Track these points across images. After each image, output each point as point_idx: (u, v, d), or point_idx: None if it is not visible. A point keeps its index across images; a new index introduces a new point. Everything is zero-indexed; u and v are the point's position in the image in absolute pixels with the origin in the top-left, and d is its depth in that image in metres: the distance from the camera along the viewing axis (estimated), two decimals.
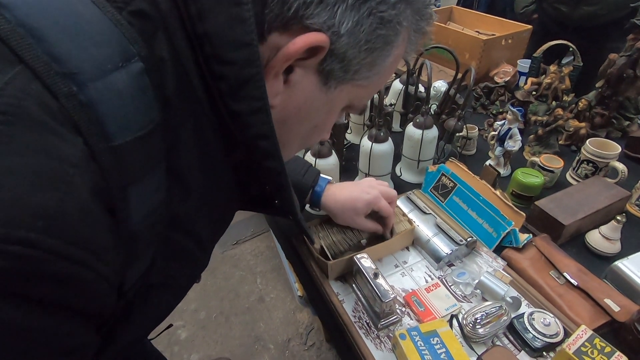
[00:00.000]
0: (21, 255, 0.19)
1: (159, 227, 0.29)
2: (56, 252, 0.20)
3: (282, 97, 0.31)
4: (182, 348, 1.41)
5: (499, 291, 0.61)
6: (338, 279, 0.68)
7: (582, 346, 0.50)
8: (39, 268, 0.20)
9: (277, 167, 0.34)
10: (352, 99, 0.36)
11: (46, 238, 0.20)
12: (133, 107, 0.24)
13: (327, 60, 0.30)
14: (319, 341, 1.40)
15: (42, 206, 0.20)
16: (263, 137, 0.31)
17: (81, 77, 0.22)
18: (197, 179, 0.32)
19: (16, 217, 0.19)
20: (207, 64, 0.28)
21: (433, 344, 0.53)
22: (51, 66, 0.21)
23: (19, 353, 0.21)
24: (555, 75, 1.06)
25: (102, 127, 0.23)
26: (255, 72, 0.28)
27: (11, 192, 0.19)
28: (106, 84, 0.23)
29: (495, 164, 0.91)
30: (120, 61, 0.24)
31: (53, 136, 0.21)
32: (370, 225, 0.69)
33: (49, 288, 0.21)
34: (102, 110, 0.23)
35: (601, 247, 0.71)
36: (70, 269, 0.21)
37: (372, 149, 0.80)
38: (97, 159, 0.23)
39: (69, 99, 0.22)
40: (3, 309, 0.19)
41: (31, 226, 0.19)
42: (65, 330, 0.23)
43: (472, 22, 1.54)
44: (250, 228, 1.89)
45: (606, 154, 0.83)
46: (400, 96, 1.03)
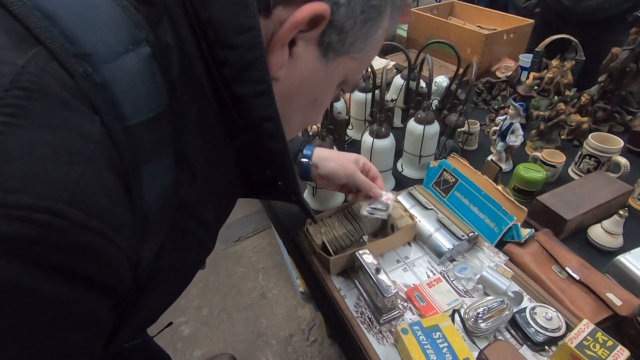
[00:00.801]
0: (49, 224, 0.19)
1: (168, 210, 0.30)
2: (80, 223, 0.21)
3: (287, 70, 0.32)
4: (184, 344, 1.42)
5: (501, 286, 0.61)
6: (340, 274, 0.68)
7: (584, 340, 0.50)
8: (64, 238, 0.20)
9: (281, 148, 0.35)
10: (348, 72, 0.37)
11: (71, 209, 0.20)
12: (144, 90, 0.25)
13: (327, 32, 0.31)
14: (321, 337, 1.41)
15: (66, 179, 0.20)
16: (267, 119, 0.32)
17: (95, 58, 0.23)
18: (202, 164, 0.33)
19: (43, 188, 0.19)
20: (211, 49, 0.29)
21: (435, 339, 0.53)
22: (67, 47, 0.22)
23: (41, 322, 0.21)
24: (557, 70, 1.05)
25: (116, 108, 0.24)
26: (258, 55, 0.29)
27: (37, 165, 0.19)
28: (118, 66, 0.24)
29: (497, 159, 0.91)
30: (130, 44, 0.24)
31: (73, 113, 0.21)
32: (363, 177, 0.66)
33: (73, 258, 0.21)
34: (116, 91, 0.23)
35: (603, 242, 0.71)
36: (93, 240, 0.22)
37: (373, 145, 0.80)
38: (112, 137, 0.23)
39: (84, 79, 0.22)
40: (30, 277, 0.19)
41: (57, 197, 0.20)
42: (86, 301, 0.23)
43: (473, 17, 1.53)
44: (252, 225, 1.89)
45: (609, 148, 0.83)
46: (402, 92, 1.03)
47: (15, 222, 0.18)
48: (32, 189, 0.19)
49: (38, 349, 0.21)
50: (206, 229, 0.38)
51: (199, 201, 0.34)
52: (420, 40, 1.51)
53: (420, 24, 1.49)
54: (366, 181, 0.66)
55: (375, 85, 0.93)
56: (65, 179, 0.20)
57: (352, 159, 0.67)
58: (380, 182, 0.69)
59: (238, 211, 1.97)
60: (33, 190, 0.19)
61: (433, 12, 1.53)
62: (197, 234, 0.36)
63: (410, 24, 1.55)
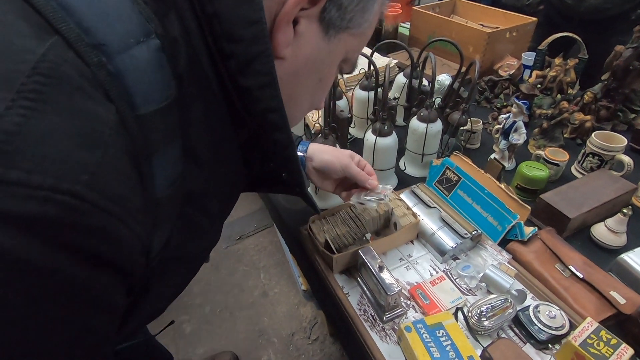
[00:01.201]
0: (69, 205, 0.20)
1: (177, 200, 0.31)
2: (98, 205, 0.21)
3: (292, 49, 0.33)
4: (187, 342, 1.42)
5: (504, 284, 0.61)
6: (343, 272, 0.68)
7: (588, 338, 0.50)
8: (83, 219, 0.21)
9: (285, 139, 0.36)
10: (348, 50, 0.38)
11: (90, 192, 0.21)
12: (154, 81, 0.26)
13: (327, 8, 0.32)
14: (323, 335, 1.41)
15: (86, 162, 0.21)
16: (272, 110, 0.33)
17: (109, 48, 0.23)
18: (207, 156, 0.33)
19: (64, 171, 0.20)
20: (217, 43, 0.29)
21: (439, 337, 0.53)
22: (82, 37, 0.23)
23: (58, 301, 0.21)
24: (560, 68, 1.05)
25: (129, 97, 0.24)
26: (263, 48, 0.29)
27: (57, 148, 0.20)
28: (130, 57, 0.24)
29: (499, 157, 0.91)
30: (141, 36, 0.25)
31: (91, 100, 0.22)
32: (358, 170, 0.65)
33: (90, 239, 0.21)
34: (128, 81, 0.24)
35: (607, 240, 0.71)
36: (109, 223, 0.22)
37: (376, 143, 0.80)
38: (126, 125, 0.24)
39: (99, 68, 0.23)
40: (48, 256, 0.20)
41: (77, 179, 0.20)
42: (102, 283, 0.23)
43: (475, 15, 1.52)
44: (254, 223, 1.89)
45: (612, 146, 0.83)
46: (404, 90, 1.02)
47: (38, 202, 0.19)
48: (53, 171, 0.19)
49: (54, 328, 0.22)
50: (211, 220, 0.38)
51: (205, 192, 0.35)
52: (422, 39, 1.51)
53: (422, 22, 1.49)
54: (362, 173, 0.65)
55: (377, 84, 0.92)
56: (85, 163, 0.21)
57: (347, 153, 0.67)
58: (375, 178, 0.67)
59: (240, 210, 1.97)
60: (54, 172, 0.19)
61: (435, 11, 1.53)
62: (203, 225, 0.37)
63: (412, 23, 1.54)
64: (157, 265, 0.30)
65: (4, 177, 0.18)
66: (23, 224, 0.19)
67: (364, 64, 1.00)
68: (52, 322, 0.21)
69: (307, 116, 1.05)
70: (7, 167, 0.18)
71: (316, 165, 0.65)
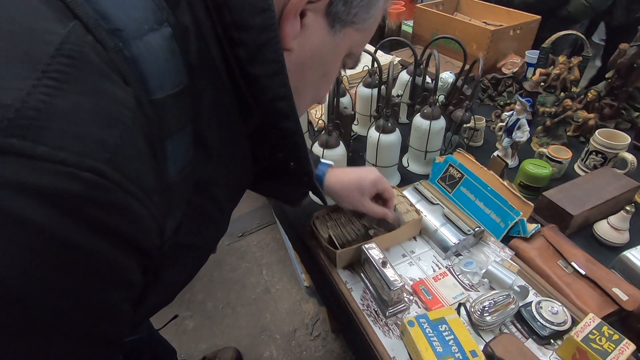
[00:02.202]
0: (92, 182, 0.20)
1: (188, 186, 0.31)
2: (118, 183, 0.22)
3: (299, 41, 0.33)
4: (189, 338, 1.43)
5: (507, 280, 0.61)
6: (346, 268, 0.68)
7: (590, 334, 0.51)
8: (104, 196, 0.21)
9: (293, 127, 0.36)
10: (352, 44, 0.38)
11: (110, 170, 0.21)
12: (167, 67, 0.26)
13: (334, 2, 0.33)
14: (325, 332, 1.42)
15: (107, 141, 0.22)
16: (281, 98, 0.33)
17: (125, 34, 0.24)
18: (217, 144, 0.34)
19: (87, 148, 0.21)
20: (226, 31, 0.30)
21: (441, 331, 0.53)
22: (100, 23, 0.23)
23: (78, 274, 0.22)
24: (564, 66, 1.05)
25: (144, 81, 0.25)
26: (272, 36, 0.30)
27: (80, 127, 0.21)
28: (145, 43, 0.25)
29: (503, 154, 0.91)
30: (154, 24, 0.26)
31: (110, 81, 0.23)
32: (377, 209, 0.67)
33: (110, 215, 0.22)
34: (143, 65, 0.25)
35: (610, 238, 0.71)
36: (128, 201, 0.23)
37: (379, 140, 0.80)
38: (142, 108, 0.25)
39: (116, 53, 0.24)
40: (71, 230, 0.20)
41: (99, 157, 0.21)
42: (120, 259, 0.24)
43: (479, 13, 1.52)
44: (256, 220, 1.90)
45: (615, 144, 0.83)
46: (408, 87, 1.03)
47: (63, 177, 0.19)
48: (77, 148, 0.20)
49: (75, 299, 0.22)
50: (220, 209, 0.39)
51: (213, 180, 0.36)
52: (425, 36, 1.50)
53: (425, 20, 1.49)
54: (378, 213, 0.68)
55: (381, 81, 0.93)
56: (106, 141, 0.21)
57: (364, 191, 0.66)
58: (391, 204, 0.70)
59: (243, 206, 1.97)
60: (78, 149, 0.20)
61: (438, 8, 1.52)
62: (211, 214, 0.37)
63: (415, 20, 1.54)
64: (167, 252, 0.31)
65: (32, 151, 0.19)
66: (49, 197, 0.19)
67: (367, 62, 1.00)
68: (73, 293, 0.22)
69: (311, 113, 1.05)
70: (35, 142, 0.19)
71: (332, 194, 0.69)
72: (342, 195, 0.68)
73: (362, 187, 0.66)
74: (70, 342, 0.23)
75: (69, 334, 0.23)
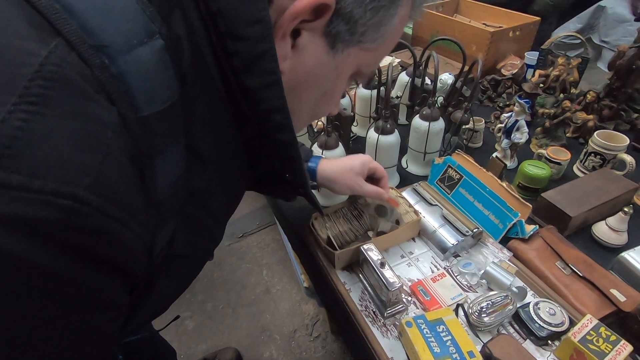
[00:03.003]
0: (70, 209, 0.20)
1: (180, 198, 0.31)
2: (99, 208, 0.21)
3: (291, 63, 0.32)
4: (189, 338, 1.43)
5: (505, 281, 0.61)
6: (345, 268, 0.68)
7: (588, 335, 0.51)
8: (85, 222, 0.21)
9: (289, 140, 0.35)
10: (360, 64, 0.36)
11: (92, 195, 0.21)
12: (157, 81, 0.25)
13: (334, 21, 0.30)
14: (325, 332, 1.42)
15: (87, 166, 0.21)
16: (276, 110, 0.32)
17: (111, 50, 0.23)
18: (211, 154, 0.33)
19: (66, 175, 0.20)
20: (221, 41, 0.29)
21: (439, 332, 0.53)
22: (84, 39, 0.22)
23: (60, 301, 0.22)
24: (563, 67, 1.05)
25: (131, 99, 0.24)
26: (268, 47, 0.28)
27: (59, 152, 0.20)
28: (134, 58, 0.24)
29: (502, 156, 0.91)
30: (144, 37, 0.25)
31: (92, 102, 0.22)
32: (372, 188, 0.67)
33: (92, 241, 0.22)
34: (131, 82, 0.24)
35: (608, 239, 0.71)
36: (110, 225, 0.22)
37: (378, 141, 0.80)
38: (128, 127, 0.24)
39: (101, 70, 0.23)
40: (51, 258, 0.20)
41: (79, 183, 0.20)
42: (103, 283, 0.24)
43: (478, 14, 1.52)
44: (256, 221, 1.90)
45: (614, 146, 0.83)
46: (407, 88, 1.03)
47: (39, 206, 0.19)
48: (55, 174, 0.20)
49: (59, 327, 0.22)
50: (215, 218, 0.38)
51: (208, 191, 0.35)
52: (425, 38, 1.51)
53: (425, 21, 1.49)
54: (373, 191, 0.67)
55: (380, 82, 0.93)
56: (87, 166, 0.21)
57: (356, 170, 0.66)
58: (385, 182, 0.70)
59: (242, 207, 1.97)
60: (56, 176, 0.20)
61: (438, 10, 1.53)
62: (206, 224, 0.37)
63: (415, 21, 1.55)
64: (161, 263, 0.31)
65: (5, 181, 0.18)
66: (25, 227, 0.19)
67: None
68: (56, 321, 0.22)
69: None
70: (9, 171, 0.18)
71: (323, 185, 0.68)
72: (336, 179, 0.66)
73: (354, 167, 0.66)
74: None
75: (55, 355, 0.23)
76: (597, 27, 2.64)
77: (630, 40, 0.99)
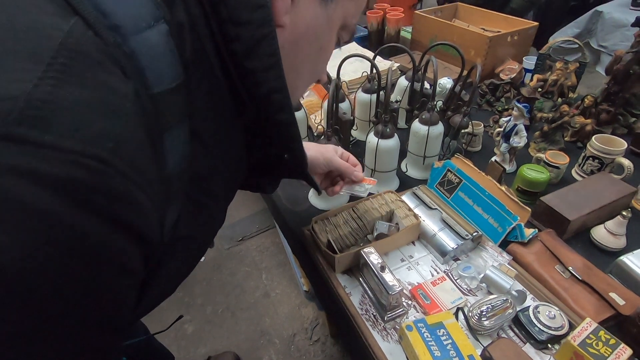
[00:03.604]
0: (95, 169, 0.21)
1: (185, 179, 0.32)
2: (121, 171, 0.23)
3: (291, 17, 0.34)
4: (188, 342, 1.43)
5: (505, 285, 0.61)
6: (345, 272, 0.69)
7: (587, 338, 0.51)
8: (108, 183, 0.22)
9: (288, 119, 0.37)
10: (346, 15, 0.39)
11: (114, 158, 0.22)
12: (164, 63, 0.27)
13: None
14: (324, 336, 1.42)
15: (110, 131, 0.22)
16: (276, 90, 0.34)
17: (123, 30, 0.25)
18: (211, 139, 0.35)
19: (91, 137, 0.21)
20: (222, 27, 0.30)
21: (439, 336, 0.54)
22: (100, 19, 0.24)
23: (80, 259, 0.22)
24: (561, 72, 1.06)
25: (142, 76, 0.26)
26: (269, 30, 0.31)
27: (84, 116, 0.21)
28: (143, 39, 0.26)
29: (500, 160, 0.92)
30: (151, 21, 0.26)
31: (111, 75, 0.24)
32: (345, 163, 0.67)
33: (114, 203, 0.23)
34: (142, 61, 0.26)
35: (606, 242, 0.71)
36: (131, 189, 0.23)
37: (378, 145, 0.81)
38: (141, 101, 0.25)
39: (115, 48, 0.25)
40: (77, 216, 0.21)
41: (103, 146, 0.22)
42: (122, 245, 0.24)
43: (477, 19, 1.53)
44: (256, 225, 1.90)
45: (612, 150, 0.84)
46: (406, 93, 1.03)
47: (69, 165, 0.20)
48: (82, 137, 0.21)
49: (81, 284, 0.23)
50: (217, 202, 0.40)
51: (210, 174, 0.36)
52: (424, 42, 1.52)
53: (424, 26, 1.50)
54: (347, 165, 0.67)
55: (380, 87, 0.94)
56: (109, 131, 0.22)
57: (330, 147, 0.68)
58: (359, 168, 0.70)
59: (242, 211, 1.98)
60: (83, 138, 0.21)
61: (437, 15, 1.54)
62: (209, 207, 0.38)
63: (414, 26, 1.56)
64: (167, 244, 0.32)
65: (39, 140, 0.20)
66: (55, 184, 0.20)
67: (366, 67, 1.01)
68: (79, 278, 0.22)
69: (310, 118, 1.06)
70: (42, 131, 0.20)
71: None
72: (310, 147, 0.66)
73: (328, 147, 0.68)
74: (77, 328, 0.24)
75: (75, 319, 0.23)
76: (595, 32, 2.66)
77: (627, 45, 1.00)
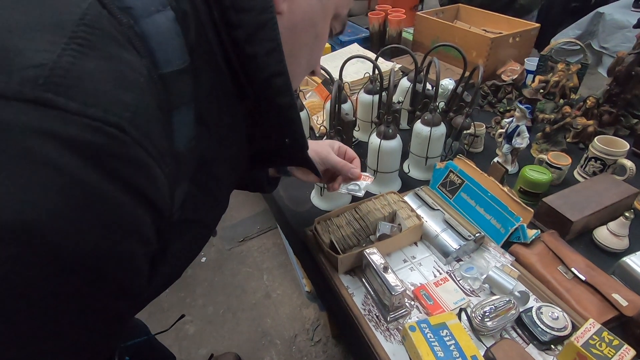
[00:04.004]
0: (115, 136, 0.22)
1: (192, 160, 0.32)
2: (138, 140, 0.24)
3: (288, 4, 0.35)
4: (189, 343, 1.43)
5: (507, 285, 0.61)
6: (347, 272, 0.69)
7: (591, 339, 0.51)
8: (126, 151, 0.23)
9: (289, 102, 0.38)
10: (337, 5, 0.40)
11: (131, 127, 0.23)
12: (172, 46, 0.28)
13: None
14: (325, 337, 1.41)
15: (126, 102, 0.24)
16: (277, 74, 0.35)
17: (135, 12, 0.26)
18: (215, 124, 0.35)
19: (111, 106, 0.23)
20: (224, 15, 0.32)
21: (442, 336, 0.54)
22: (113, 0, 0.26)
23: (100, 219, 0.23)
24: (563, 73, 1.06)
25: (153, 56, 0.27)
26: (270, 16, 0.32)
27: (103, 86, 0.23)
28: (153, 22, 0.27)
29: (503, 161, 0.92)
30: (159, 6, 0.28)
31: (126, 51, 0.25)
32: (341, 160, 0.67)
33: (130, 170, 0.24)
34: (152, 42, 0.27)
35: (609, 243, 0.71)
36: (146, 159, 0.25)
37: (380, 146, 0.81)
38: (153, 79, 0.27)
39: (128, 28, 0.26)
40: (98, 179, 0.22)
41: (121, 115, 0.23)
42: (139, 213, 0.25)
43: (479, 21, 1.54)
44: (257, 225, 1.90)
45: (614, 151, 0.84)
46: (408, 94, 1.04)
47: (92, 130, 0.22)
48: (103, 105, 0.22)
49: (99, 243, 0.23)
50: (220, 187, 0.40)
51: (214, 159, 0.37)
52: (425, 44, 1.52)
53: (426, 27, 1.51)
54: (343, 162, 0.66)
55: (382, 88, 0.94)
56: (125, 102, 0.23)
57: (325, 143, 0.68)
58: (357, 163, 0.69)
59: (243, 212, 1.98)
60: (104, 106, 0.22)
61: (439, 16, 1.54)
62: (213, 191, 0.39)
63: (416, 28, 1.56)
64: (174, 224, 0.32)
65: (66, 106, 0.21)
66: (77, 147, 0.21)
67: (368, 68, 1.01)
68: (97, 237, 0.23)
69: (313, 119, 1.06)
70: (68, 97, 0.21)
71: None
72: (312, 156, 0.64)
73: (324, 143, 0.68)
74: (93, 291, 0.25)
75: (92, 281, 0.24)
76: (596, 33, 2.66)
77: (629, 47, 1.00)
